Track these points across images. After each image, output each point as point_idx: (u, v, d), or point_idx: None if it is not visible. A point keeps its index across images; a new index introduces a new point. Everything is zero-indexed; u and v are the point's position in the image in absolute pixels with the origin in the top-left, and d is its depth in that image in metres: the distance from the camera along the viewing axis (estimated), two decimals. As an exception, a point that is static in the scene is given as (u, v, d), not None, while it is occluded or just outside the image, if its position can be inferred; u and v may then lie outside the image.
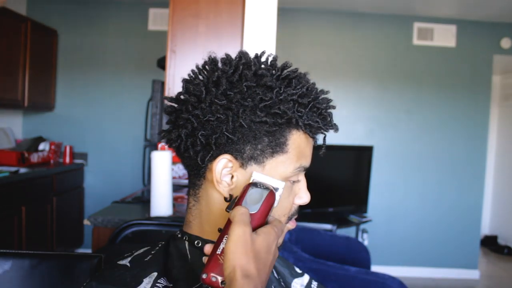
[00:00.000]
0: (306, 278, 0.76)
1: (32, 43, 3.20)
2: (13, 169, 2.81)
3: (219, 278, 0.48)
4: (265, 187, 0.56)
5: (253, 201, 0.54)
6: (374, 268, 3.27)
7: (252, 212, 0.53)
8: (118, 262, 0.61)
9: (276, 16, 1.63)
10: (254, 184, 0.56)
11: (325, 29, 3.67)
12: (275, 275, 0.71)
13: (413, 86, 3.67)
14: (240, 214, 0.51)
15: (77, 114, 3.66)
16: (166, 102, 0.66)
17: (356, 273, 1.48)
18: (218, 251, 0.50)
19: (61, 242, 3.27)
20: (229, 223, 0.52)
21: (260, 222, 0.53)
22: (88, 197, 3.65)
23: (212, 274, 0.48)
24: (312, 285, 0.76)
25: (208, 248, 0.53)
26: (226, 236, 0.50)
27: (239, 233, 0.48)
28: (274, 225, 0.54)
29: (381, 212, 3.64)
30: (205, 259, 0.52)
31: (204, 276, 0.49)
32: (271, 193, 0.55)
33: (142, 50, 3.62)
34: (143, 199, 1.95)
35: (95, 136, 3.67)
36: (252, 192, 0.55)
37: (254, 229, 0.52)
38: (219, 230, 0.54)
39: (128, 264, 0.61)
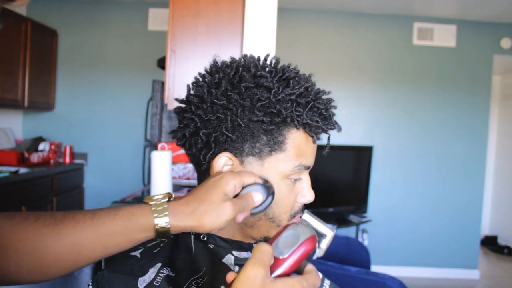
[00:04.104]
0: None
1: (32, 43, 3.20)
2: (13, 169, 2.81)
3: None
4: (307, 230, 0.48)
5: (286, 245, 0.46)
6: (374, 268, 3.28)
7: (280, 257, 0.45)
8: (130, 253, 0.66)
9: (276, 16, 1.63)
10: (296, 225, 0.49)
11: (325, 29, 3.67)
12: None
13: (413, 86, 3.67)
14: (260, 252, 0.43)
15: (77, 114, 3.66)
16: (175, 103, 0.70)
17: (356, 273, 1.48)
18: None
19: (61, 242, 3.26)
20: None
21: (289, 269, 0.45)
22: (88, 197, 3.65)
23: None
24: (324, 284, 0.77)
25: (229, 277, 0.46)
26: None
27: (249, 275, 0.42)
28: (304, 278, 0.45)
29: (381, 212, 3.64)
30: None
31: None
32: (312, 238, 0.47)
33: (142, 50, 3.62)
34: (143, 199, 1.95)
35: (95, 136, 3.66)
36: (288, 234, 0.47)
37: (280, 276, 0.45)
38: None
39: (138, 255, 0.65)
